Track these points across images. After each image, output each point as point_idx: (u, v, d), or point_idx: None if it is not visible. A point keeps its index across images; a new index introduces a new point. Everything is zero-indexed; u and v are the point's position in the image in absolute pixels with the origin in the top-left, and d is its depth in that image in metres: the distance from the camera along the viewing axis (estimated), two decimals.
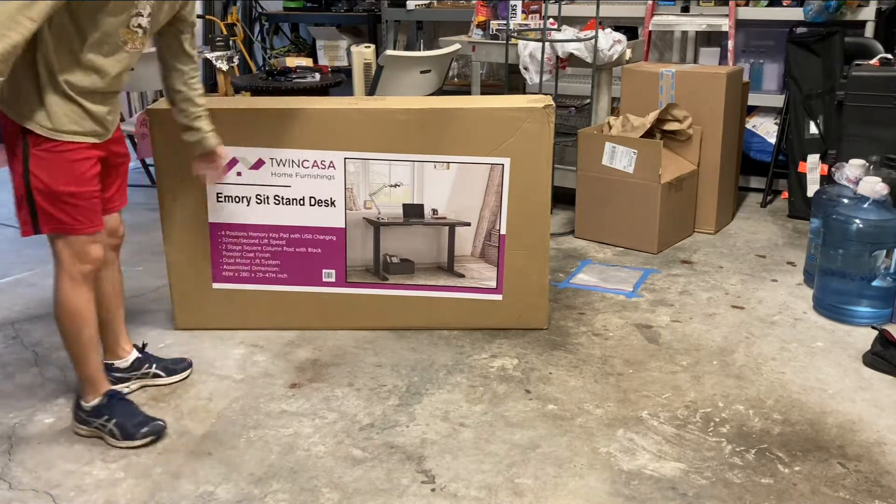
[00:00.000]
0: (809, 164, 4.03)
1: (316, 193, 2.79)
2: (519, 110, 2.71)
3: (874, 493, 2.03)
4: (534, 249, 2.83)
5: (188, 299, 2.90)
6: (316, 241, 2.84)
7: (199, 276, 2.86)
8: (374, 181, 2.77)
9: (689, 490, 2.05)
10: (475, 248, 2.85)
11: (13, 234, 4.01)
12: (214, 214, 2.80)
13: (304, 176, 2.77)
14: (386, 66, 3.82)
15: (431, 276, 2.88)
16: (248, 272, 2.86)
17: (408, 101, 2.94)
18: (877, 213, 2.88)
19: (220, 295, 2.89)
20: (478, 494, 2.04)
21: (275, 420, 2.38)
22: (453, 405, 2.44)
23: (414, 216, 2.81)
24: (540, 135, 2.72)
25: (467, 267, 2.87)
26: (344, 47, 5.79)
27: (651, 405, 2.43)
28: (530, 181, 2.76)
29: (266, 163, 2.75)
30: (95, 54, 2.06)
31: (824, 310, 3.02)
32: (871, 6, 4.02)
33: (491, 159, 2.74)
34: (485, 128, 2.72)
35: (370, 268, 2.87)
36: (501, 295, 2.88)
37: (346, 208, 2.80)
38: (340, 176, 2.77)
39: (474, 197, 2.79)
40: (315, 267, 2.87)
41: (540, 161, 2.74)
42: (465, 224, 2.83)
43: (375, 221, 2.82)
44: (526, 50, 4.09)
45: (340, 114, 2.73)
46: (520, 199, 2.78)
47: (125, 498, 2.05)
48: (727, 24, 4.34)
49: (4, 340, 2.90)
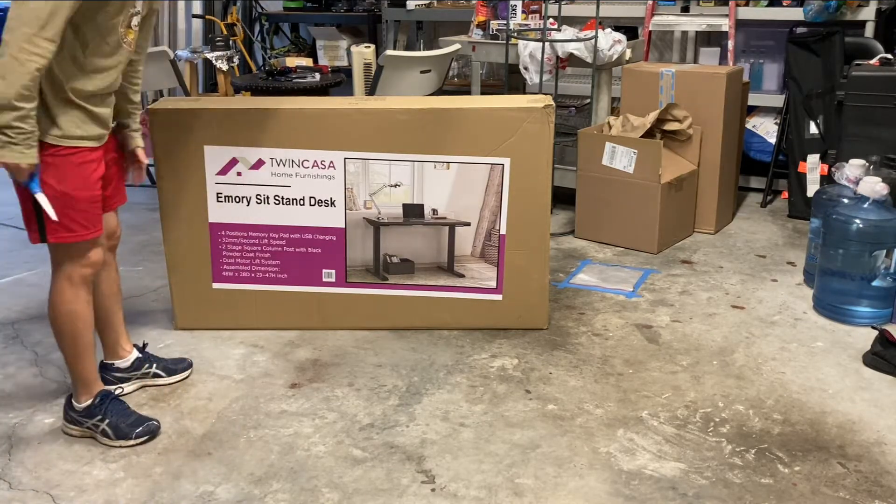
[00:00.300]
0: (809, 164, 4.03)
1: (316, 193, 2.79)
2: (519, 110, 2.71)
3: (874, 493, 2.03)
4: (534, 249, 2.83)
5: (188, 299, 2.90)
6: (316, 241, 2.84)
7: (199, 277, 2.86)
8: (375, 181, 2.77)
9: (689, 490, 2.05)
10: (475, 248, 2.85)
11: (13, 234, 4.01)
12: (214, 214, 2.80)
13: (305, 176, 2.76)
14: (386, 66, 3.83)
15: (431, 276, 2.88)
16: (249, 272, 2.86)
17: (408, 101, 2.94)
18: (877, 213, 2.88)
19: (221, 295, 2.88)
20: (478, 494, 2.04)
21: (275, 420, 2.38)
22: (453, 405, 2.44)
23: (414, 216, 2.81)
24: (540, 135, 2.72)
25: (467, 267, 2.87)
26: (344, 47, 5.79)
27: (651, 405, 2.44)
28: (530, 181, 2.76)
29: (266, 163, 2.75)
30: (98, 57, 2.07)
31: (824, 310, 3.02)
32: (871, 6, 4.02)
33: (491, 159, 2.74)
34: (485, 128, 2.72)
35: (370, 268, 2.87)
36: (501, 295, 2.88)
37: (347, 208, 2.80)
38: (340, 176, 2.76)
39: (474, 197, 2.79)
40: (315, 267, 2.86)
41: (540, 161, 2.74)
42: (465, 224, 2.83)
43: (375, 221, 2.82)
44: (526, 50, 4.09)
45: (341, 114, 2.73)
46: (520, 199, 2.78)
47: (125, 498, 2.05)
48: (727, 24, 4.34)
49: (4, 340, 2.90)
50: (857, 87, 3.65)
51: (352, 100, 2.85)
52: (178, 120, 2.70)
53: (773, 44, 4.48)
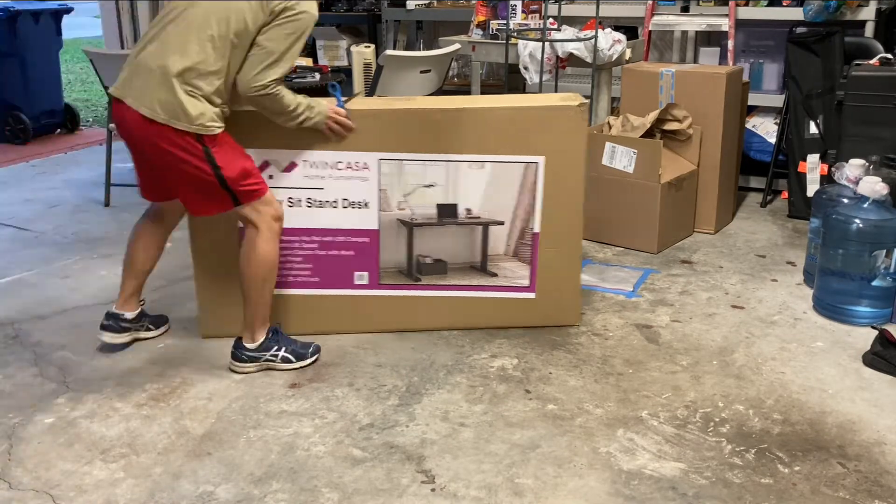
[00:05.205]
0: (809, 163, 4.03)
1: (349, 195, 2.75)
2: (554, 109, 2.72)
3: (874, 493, 2.03)
4: (567, 246, 2.84)
5: (216, 307, 2.81)
6: (349, 244, 2.80)
7: (227, 283, 2.74)
8: (409, 182, 2.75)
9: (689, 490, 2.05)
10: (508, 246, 2.85)
11: (13, 233, 4.01)
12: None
13: (338, 178, 2.72)
14: (386, 65, 3.82)
15: (464, 275, 2.87)
16: (279, 277, 2.73)
17: (443, 100, 2.91)
18: (877, 213, 2.88)
19: None
20: (478, 494, 2.04)
21: (275, 420, 2.38)
22: (453, 405, 2.44)
23: (448, 216, 2.80)
24: (574, 132, 2.73)
25: (500, 266, 2.86)
26: (344, 47, 5.78)
27: (651, 405, 2.44)
28: (564, 178, 2.77)
29: (298, 165, 2.70)
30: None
31: (824, 310, 3.02)
32: (871, 6, 4.02)
33: (526, 158, 2.74)
34: (520, 127, 2.72)
35: (403, 269, 2.85)
36: (535, 293, 2.88)
37: (380, 210, 2.77)
38: (374, 177, 2.73)
39: (508, 196, 2.79)
40: (347, 270, 2.82)
41: (574, 158, 2.75)
42: (499, 223, 2.82)
43: (409, 222, 2.80)
44: (526, 50, 4.10)
45: (375, 114, 2.70)
46: (553, 196, 2.78)
47: (125, 498, 2.05)
48: (727, 24, 4.34)
49: (4, 340, 2.90)
50: (857, 87, 3.65)
51: (386, 100, 2.81)
52: None
53: (773, 44, 4.48)
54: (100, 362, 2.72)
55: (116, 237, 3.89)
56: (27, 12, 5.83)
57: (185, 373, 2.64)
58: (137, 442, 2.27)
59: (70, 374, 2.64)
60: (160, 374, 2.64)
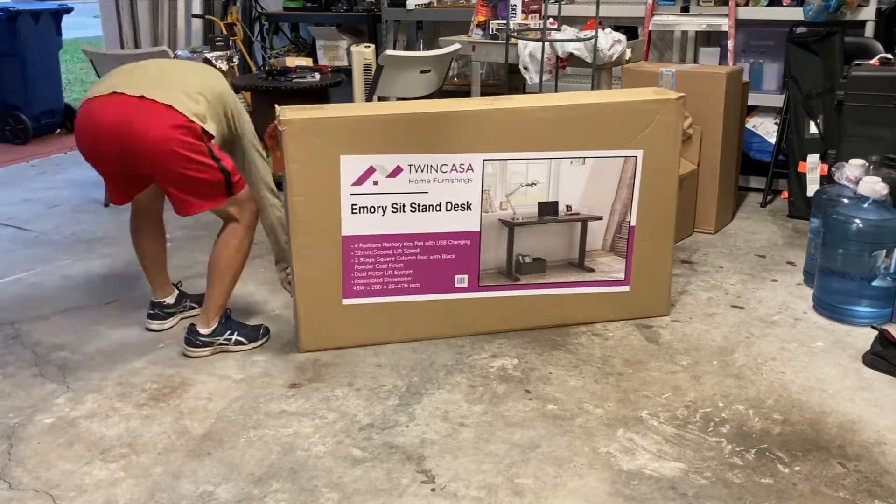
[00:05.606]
0: (809, 164, 4.02)
1: (452, 198, 2.70)
2: (654, 102, 2.74)
3: (874, 493, 2.03)
4: (661, 238, 2.87)
5: (316, 319, 2.74)
6: (450, 247, 2.76)
7: (328, 294, 2.70)
8: (511, 181, 2.73)
9: (689, 490, 2.05)
10: (605, 241, 2.86)
11: (13, 233, 4.01)
12: (348, 227, 2.65)
13: (442, 181, 2.68)
14: (386, 65, 3.83)
15: (562, 273, 2.87)
16: (381, 285, 2.74)
17: (546, 98, 2.93)
18: (877, 213, 2.88)
19: (349, 311, 2.74)
20: (478, 494, 2.04)
21: (275, 420, 2.38)
22: (453, 405, 2.44)
23: (548, 214, 2.80)
24: (672, 126, 2.76)
25: (597, 261, 2.87)
26: (344, 47, 5.79)
27: (651, 405, 2.44)
28: (661, 171, 2.80)
29: (404, 170, 2.64)
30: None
31: (824, 310, 3.02)
32: (871, 6, 4.02)
33: (625, 152, 2.76)
34: (621, 121, 2.74)
35: (503, 269, 2.83)
36: (629, 286, 2.90)
37: (482, 211, 2.74)
38: (478, 178, 2.70)
39: (607, 190, 2.80)
40: (448, 273, 2.78)
41: (670, 151, 2.79)
42: (598, 218, 2.83)
43: (510, 222, 2.78)
44: (526, 50, 4.10)
45: (481, 115, 2.67)
46: (650, 189, 2.81)
47: (125, 498, 2.05)
48: (727, 24, 4.34)
49: (4, 340, 2.90)
50: (857, 87, 3.65)
51: (490, 100, 2.78)
52: (313, 130, 2.55)
53: (773, 44, 4.48)
54: (100, 362, 2.72)
55: (116, 237, 3.89)
56: (27, 12, 5.83)
57: (185, 373, 2.64)
58: (137, 442, 2.27)
59: (70, 374, 2.64)
60: (160, 374, 2.64)
